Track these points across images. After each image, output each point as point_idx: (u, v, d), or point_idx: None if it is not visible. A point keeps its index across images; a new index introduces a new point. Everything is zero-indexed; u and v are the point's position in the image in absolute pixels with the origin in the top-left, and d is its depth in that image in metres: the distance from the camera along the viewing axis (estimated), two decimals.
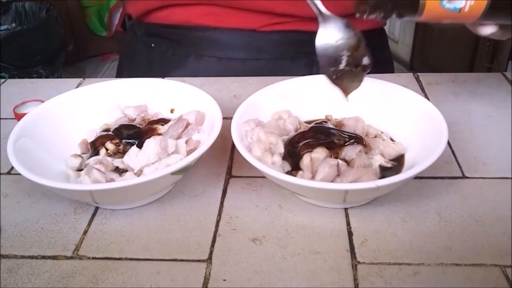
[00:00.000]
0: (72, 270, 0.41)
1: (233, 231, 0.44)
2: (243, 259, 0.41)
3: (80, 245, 0.44)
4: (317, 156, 0.46)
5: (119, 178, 0.47)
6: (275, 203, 0.47)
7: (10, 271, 0.41)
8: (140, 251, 0.43)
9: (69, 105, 0.55)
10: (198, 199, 0.48)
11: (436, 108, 0.48)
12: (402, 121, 0.51)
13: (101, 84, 0.58)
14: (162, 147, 0.48)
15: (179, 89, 0.55)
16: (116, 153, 0.51)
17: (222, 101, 0.54)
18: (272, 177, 0.42)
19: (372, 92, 0.54)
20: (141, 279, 0.40)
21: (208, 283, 0.39)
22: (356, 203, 0.46)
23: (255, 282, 0.39)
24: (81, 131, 0.54)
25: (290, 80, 0.56)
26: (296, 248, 0.42)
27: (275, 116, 0.53)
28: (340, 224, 0.44)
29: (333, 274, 0.39)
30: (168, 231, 0.45)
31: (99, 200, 0.46)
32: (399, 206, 0.46)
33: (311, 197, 0.46)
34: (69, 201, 0.48)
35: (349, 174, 0.44)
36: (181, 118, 0.52)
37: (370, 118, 0.53)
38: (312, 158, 0.46)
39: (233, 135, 0.46)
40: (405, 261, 0.40)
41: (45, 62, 2.19)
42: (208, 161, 0.52)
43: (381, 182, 0.39)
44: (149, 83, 0.58)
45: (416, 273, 0.39)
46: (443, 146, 0.43)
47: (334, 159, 0.46)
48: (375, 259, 0.41)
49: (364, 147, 0.48)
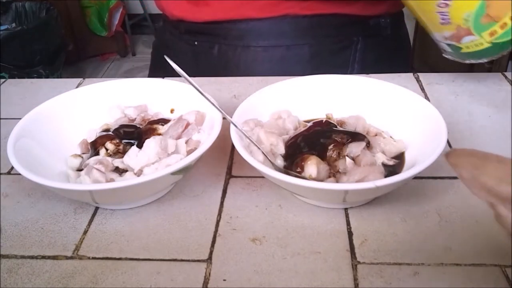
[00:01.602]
0: (72, 270, 0.41)
1: (233, 231, 0.44)
2: (243, 259, 0.41)
3: (80, 245, 0.44)
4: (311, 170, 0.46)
5: (119, 178, 0.47)
6: (275, 203, 0.47)
7: (10, 271, 0.41)
8: (140, 251, 0.43)
9: (69, 105, 0.55)
10: (198, 199, 0.48)
11: (436, 108, 0.48)
12: (402, 121, 0.51)
13: (101, 84, 0.58)
14: (162, 147, 0.48)
15: (179, 89, 0.55)
16: (116, 153, 0.51)
17: (222, 101, 0.54)
18: (272, 177, 0.42)
19: (372, 92, 0.54)
20: (141, 279, 0.40)
21: (208, 283, 0.39)
22: (356, 203, 0.46)
23: (255, 282, 0.39)
24: (81, 131, 0.54)
25: (290, 80, 0.56)
26: (296, 248, 0.42)
27: (275, 115, 0.53)
28: (340, 224, 0.44)
29: (333, 274, 0.39)
30: (168, 231, 0.45)
31: (99, 200, 0.46)
32: (399, 206, 0.46)
33: (311, 197, 0.46)
34: (69, 201, 0.48)
35: (355, 172, 0.44)
36: (181, 118, 0.52)
37: (370, 118, 0.53)
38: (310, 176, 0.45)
39: (232, 135, 0.46)
40: (405, 261, 0.40)
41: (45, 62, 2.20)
42: (208, 161, 0.52)
43: (381, 182, 0.39)
44: (149, 83, 0.58)
45: (416, 273, 0.39)
46: (442, 146, 0.43)
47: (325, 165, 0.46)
48: (375, 259, 0.41)
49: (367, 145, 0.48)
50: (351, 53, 0.73)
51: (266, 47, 0.72)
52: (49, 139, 0.51)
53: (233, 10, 0.71)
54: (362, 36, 0.73)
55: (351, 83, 0.55)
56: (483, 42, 0.54)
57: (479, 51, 0.56)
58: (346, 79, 0.56)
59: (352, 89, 0.55)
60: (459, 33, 0.55)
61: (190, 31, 0.76)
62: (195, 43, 0.76)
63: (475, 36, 0.54)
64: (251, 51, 0.73)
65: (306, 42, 0.72)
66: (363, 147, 0.47)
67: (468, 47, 0.56)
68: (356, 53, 0.73)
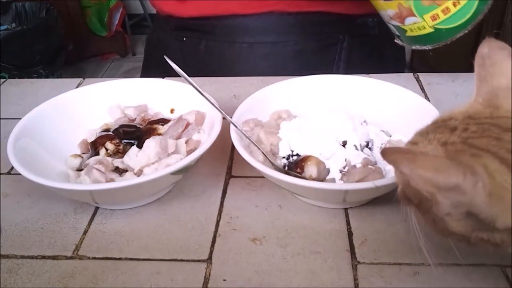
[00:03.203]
0: (72, 270, 0.41)
1: (233, 231, 0.44)
2: (243, 259, 0.41)
3: (80, 245, 0.44)
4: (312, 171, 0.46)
5: (119, 178, 0.47)
6: (275, 203, 0.47)
7: (10, 271, 0.41)
8: (140, 251, 0.43)
9: (69, 105, 0.55)
10: (198, 199, 0.48)
11: (436, 108, 0.48)
12: (402, 121, 0.51)
13: (101, 84, 0.58)
14: (162, 147, 0.48)
15: (179, 89, 0.55)
16: (116, 153, 0.51)
17: (222, 101, 0.54)
18: (272, 177, 0.42)
19: (372, 92, 0.54)
20: (141, 279, 0.40)
21: (208, 283, 0.39)
22: (356, 203, 0.46)
23: (255, 282, 0.39)
24: (81, 131, 0.54)
25: (290, 80, 0.56)
26: (296, 248, 0.42)
27: (275, 115, 0.53)
28: (340, 224, 0.44)
29: (333, 274, 0.39)
30: (168, 231, 0.45)
31: (99, 200, 0.46)
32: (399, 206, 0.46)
33: (311, 197, 0.46)
34: (69, 201, 0.48)
35: (355, 172, 0.44)
36: (181, 118, 0.52)
37: (370, 118, 0.53)
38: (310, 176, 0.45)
39: (232, 135, 0.46)
40: (405, 261, 0.40)
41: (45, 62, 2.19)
42: (208, 161, 0.52)
43: (381, 182, 0.39)
44: (149, 83, 0.58)
45: (416, 273, 0.39)
46: None
47: None
48: (375, 259, 0.41)
49: None
50: (336, 51, 0.73)
51: (251, 44, 0.73)
52: (49, 139, 0.51)
53: (219, 6, 0.71)
54: (348, 35, 0.73)
55: (351, 83, 0.55)
56: (426, 26, 0.53)
57: (423, 36, 0.54)
58: (346, 79, 0.56)
59: (352, 89, 0.55)
60: (401, 13, 0.54)
61: (178, 27, 0.77)
62: (183, 39, 0.77)
63: (418, 18, 0.53)
64: (237, 47, 0.74)
65: (291, 39, 0.72)
66: None
67: (412, 30, 0.55)
68: (342, 51, 0.73)
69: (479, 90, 0.33)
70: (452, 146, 0.28)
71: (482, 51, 0.34)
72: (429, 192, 0.27)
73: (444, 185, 0.26)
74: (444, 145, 0.28)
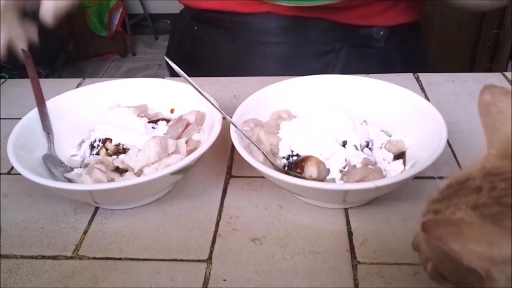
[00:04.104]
0: (72, 270, 0.41)
1: (233, 231, 0.44)
2: (243, 259, 0.41)
3: (80, 245, 0.44)
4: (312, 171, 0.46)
5: (119, 178, 0.47)
6: (275, 203, 0.47)
7: (10, 271, 0.41)
8: (140, 251, 0.43)
9: (69, 105, 0.55)
10: (198, 199, 0.48)
11: (436, 108, 0.48)
12: (402, 121, 0.51)
13: (101, 84, 0.58)
14: (162, 147, 0.48)
15: (179, 89, 0.55)
16: (116, 153, 0.51)
17: (222, 101, 0.54)
18: (272, 177, 0.42)
19: (372, 92, 0.54)
20: (141, 279, 0.40)
21: (208, 283, 0.39)
22: (356, 203, 0.46)
23: (255, 282, 0.39)
24: (81, 131, 0.54)
25: (290, 80, 0.56)
26: (296, 248, 0.42)
27: (275, 115, 0.53)
28: (340, 224, 0.44)
29: (333, 274, 0.39)
30: (168, 231, 0.45)
31: (99, 200, 0.46)
32: (399, 206, 0.46)
33: (311, 197, 0.46)
34: (69, 201, 0.48)
35: (355, 172, 0.44)
36: (181, 118, 0.52)
37: (370, 118, 0.53)
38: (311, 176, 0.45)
39: (232, 135, 0.46)
40: (405, 261, 0.40)
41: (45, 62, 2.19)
42: (208, 161, 0.52)
43: (380, 182, 0.39)
44: (149, 83, 0.58)
45: (416, 273, 0.39)
46: (442, 146, 0.43)
47: None
48: (375, 259, 0.41)
49: None
50: (331, 59, 0.73)
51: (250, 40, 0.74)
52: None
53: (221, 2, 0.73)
54: (347, 45, 0.72)
55: (351, 83, 0.55)
56: None
57: None
58: (346, 79, 0.56)
59: (352, 89, 0.55)
60: None
61: (192, 17, 0.80)
62: (195, 28, 0.80)
63: None
64: (234, 44, 0.75)
65: (285, 41, 0.73)
66: None
67: None
68: (337, 59, 0.72)
69: (491, 141, 0.30)
70: (486, 209, 0.24)
71: (484, 98, 0.32)
72: (484, 269, 0.23)
73: (499, 258, 0.22)
74: (476, 209, 0.25)
